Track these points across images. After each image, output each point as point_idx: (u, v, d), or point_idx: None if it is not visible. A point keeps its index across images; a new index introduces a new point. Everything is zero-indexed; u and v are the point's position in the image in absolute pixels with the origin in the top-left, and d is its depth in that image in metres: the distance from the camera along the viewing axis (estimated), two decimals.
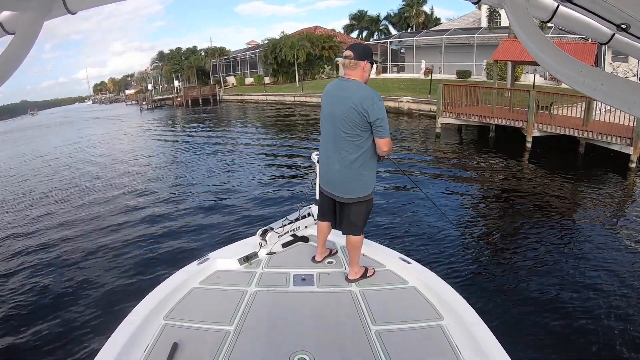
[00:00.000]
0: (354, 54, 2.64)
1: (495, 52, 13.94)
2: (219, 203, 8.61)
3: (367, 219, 2.95)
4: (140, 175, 12.02)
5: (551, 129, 11.53)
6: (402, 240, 6.31)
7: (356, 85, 2.63)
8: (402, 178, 9.90)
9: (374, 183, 2.85)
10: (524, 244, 6.22)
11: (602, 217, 7.48)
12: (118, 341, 2.21)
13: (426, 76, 27.08)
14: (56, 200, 10.13)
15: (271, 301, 2.76)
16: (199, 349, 2.26)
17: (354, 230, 2.89)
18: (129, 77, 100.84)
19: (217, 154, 14.63)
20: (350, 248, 2.96)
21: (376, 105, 2.52)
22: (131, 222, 7.75)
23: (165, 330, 2.42)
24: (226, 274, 3.10)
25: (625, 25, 1.24)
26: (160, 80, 56.53)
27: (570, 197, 8.68)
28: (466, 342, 2.26)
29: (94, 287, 5.33)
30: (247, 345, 2.31)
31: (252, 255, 3.27)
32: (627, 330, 4.07)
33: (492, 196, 8.91)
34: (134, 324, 2.36)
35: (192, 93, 42.53)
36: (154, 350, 2.23)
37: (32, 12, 1.22)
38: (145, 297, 2.66)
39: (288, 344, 2.32)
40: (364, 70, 2.68)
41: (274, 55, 39.31)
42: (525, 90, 12.62)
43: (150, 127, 27.10)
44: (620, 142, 10.14)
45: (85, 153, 17.72)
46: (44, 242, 7.16)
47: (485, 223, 7.41)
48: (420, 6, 43.40)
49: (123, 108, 54.24)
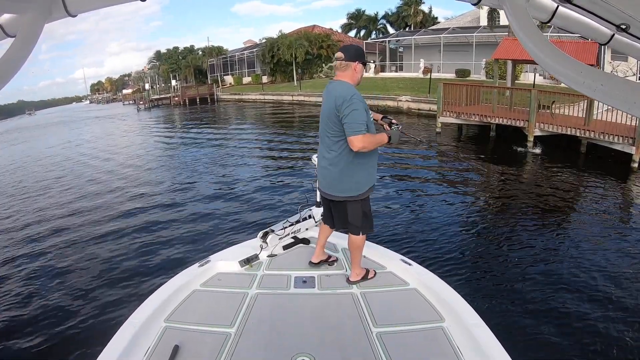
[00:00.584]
0: (345, 56, 2.69)
1: (496, 50, 13.78)
2: (220, 205, 8.54)
3: (368, 220, 2.92)
4: (140, 178, 11.90)
5: (553, 129, 11.42)
6: (403, 241, 6.26)
7: (339, 85, 2.66)
8: (402, 178, 9.87)
9: (369, 183, 2.83)
10: (525, 245, 6.17)
11: (604, 218, 7.38)
12: (119, 344, 2.22)
13: (425, 75, 26.98)
14: (52, 203, 10.02)
15: (272, 303, 2.77)
16: (200, 352, 2.27)
17: (353, 229, 2.87)
18: (127, 77, 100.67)
19: (217, 155, 14.48)
20: (351, 248, 2.95)
21: (347, 103, 2.53)
22: (132, 224, 7.70)
23: (167, 332, 2.42)
24: (227, 276, 3.10)
25: (625, 26, 1.24)
26: (158, 80, 56.23)
27: (572, 198, 8.58)
28: (467, 344, 2.26)
29: (95, 290, 5.29)
30: (248, 347, 2.32)
31: (252, 258, 3.28)
32: (628, 332, 4.03)
33: (493, 197, 8.80)
34: (135, 327, 2.37)
35: (190, 92, 42.15)
36: (155, 352, 2.24)
37: (33, 14, 1.23)
38: (146, 300, 2.67)
39: (289, 346, 2.33)
40: (355, 72, 2.72)
41: (271, 54, 39.14)
42: (527, 90, 12.49)
43: (147, 127, 26.84)
44: (623, 142, 10.05)
45: (82, 155, 17.46)
46: (44, 245, 7.09)
47: (486, 224, 7.35)
48: (418, 5, 43.35)
49: (120, 108, 53.62)
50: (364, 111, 2.59)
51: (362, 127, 2.54)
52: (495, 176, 10.25)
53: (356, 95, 2.57)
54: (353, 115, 2.52)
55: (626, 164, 9.82)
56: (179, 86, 45.97)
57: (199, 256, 3.97)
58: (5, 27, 1.28)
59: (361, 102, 2.58)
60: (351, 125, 2.52)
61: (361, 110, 2.55)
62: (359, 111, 2.54)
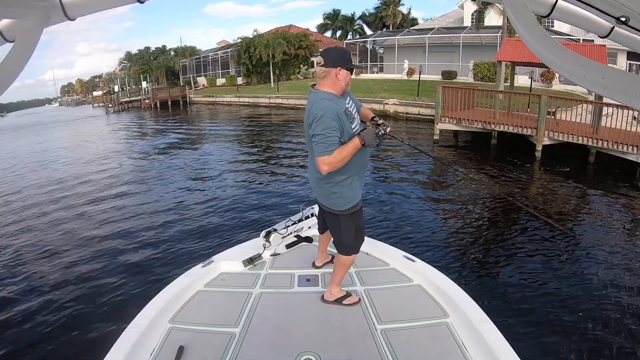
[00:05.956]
0: (325, 61, 2.43)
1: (499, 52, 12.63)
2: (222, 206, 8.53)
3: (360, 237, 2.74)
4: (139, 180, 11.80)
5: (562, 137, 10.41)
6: (407, 238, 6.32)
7: (314, 97, 2.44)
8: (404, 179, 10.01)
9: (354, 200, 2.60)
10: (531, 244, 6.18)
11: (612, 228, 7.07)
12: (124, 345, 2.22)
13: (409, 77, 26.08)
14: (50, 202, 10.01)
15: (276, 302, 2.78)
16: (205, 352, 2.27)
17: (344, 249, 2.69)
18: (97, 79, 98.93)
19: (212, 158, 14.31)
20: (336, 266, 2.78)
21: (316, 122, 2.32)
22: (134, 227, 7.70)
23: (171, 333, 2.43)
24: (231, 276, 3.11)
25: (625, 18, 1.24)
26: (129, 82, 54.22)
27: (581, 206, 8.36)
28: (472, 340, 2.26)
29: (99, 292, 5.30)
30: (253, 346, 2.32)
31: (256, 257, 3.27)
32: (636, 331, 4.06)
33: (497, 201, 8.40)
34: (139, 328, 2.37)
35: (161, 95, 39.98)
36: (160, 353, 2.24)
37: (32, 19, 1.26)
38: (150, 301, 2.66)
39: (294, 345, 2.33)
40: (337, 79, 2.42)
41: (247, 54, 37.49)
42: (536, 95, 11.37)
43: (118, 131, 25.34)
44: (637, 153, 9.24)
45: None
46: (47, 248, 7.02)
47: (491, 224, 7.32)
48: (397, 6, 42.68)
49: (89, 110, 52.64)
50: (335, 130, 2.31)
51: (331, 147, 2.30)
52: (499, 183, 9.63)
53: (328, 113, 2.31)
54: (321, 137, 2.30)
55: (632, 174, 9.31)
56: (149, 88, 44.03)
57: (202, 257, 4.10)
58: (4, 32, 1.28)
59: (334, 119, 2.31)
60: (317, 147, 2.32)
61: (332, 129, 2.31)
62: (330, 129, 2.30)
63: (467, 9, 29.88)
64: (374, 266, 3.19)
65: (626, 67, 21.80)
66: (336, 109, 2.34)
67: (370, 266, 3.20)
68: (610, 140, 9.67)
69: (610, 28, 1.48)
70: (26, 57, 1.23)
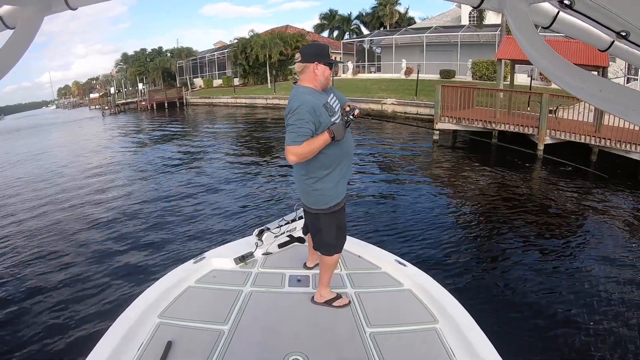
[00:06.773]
0: (302, 57, 2.47)
1: (499, 50, 12.50)
2: (216, 203, 8.61)
3: (342, 235, 2.73)
4: (136, 179, 11.92)
5: (564, 136, 10.25)
6: (398, 242, 6.26)
7: (294, 92, 2.46)
8: (399, 180, 9.90)
9: (340, 195, 2.58)
10: (522, 250, 6.12)
11: (616, 226, 6.98)
12: (112, 339, 2.22)
13: (407, 76, 25.92)
14: (46, 202, 10.03)
15: (266, 301, 2.77)
16: (193, 348, 2.27)
17: (326, 249, 2.67)
18: (94, 81, 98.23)
19: (208, 157, 14.46)
20: (322, 267, 2.75)
21: (291, 113, 2.33)
22: (127, 221, 7.83)
23: (160, 328, 2.42)
24: (222, 273, 3.10)
25: (625, 33, 1.25)
26: (125, 83, 53.96)
27: (581, 206, 8.11)
28: (461, 345, 2.25)
29: (89, 286, 5.35)
30: (241, 345, 2.33)
31: (248, 255, 3.27)
32: (624, 338, 4.04)
33: (494, 204, 8.32)
34: (128, 322, 2.36)
35: (158, 96, 39.62)
36: (148, 348, 2.24)
37: (33, 7, 1.26)
38: (140, 295, 2.66)
39: (282, 345, 2.33)
40: (314, 74, 2.44)
41: (244, 55, 37.33)
42: (537, 94, 11.22)
43: (113, 133, 25.18)
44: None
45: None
46: (39, 241, 7.18)
47: (485, 230, 7.20)
48: (394, 5, 42.47)
49: (86, 112, 52.52)
50: (308, 122, 2.29)
51: (301, 138, 2.26)
52: (498, 184, 9.53)
53: (304, 105, 2.30)
54: (293, 127, 2.29)
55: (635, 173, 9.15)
56: (146, 90, 43.75)
57: (194, 253, 4.01)
58: (5, 19, 1.28)
59: (308, 112, 2.29)
60: (288, 136, 2.29)
61: (305, 121, 2.28)
62: (303, 121, 2.28)
63: (465, 7, 29.72)
64: (365, 269, 3.18)
65: (625, 68, 21.71)
66: (313, 103, 2.34)
67: (361, 269, 3.19)
68: (612, 138, 9.52)
69: (610, 42, 1.50)
70: (25, 45, 1.22)
